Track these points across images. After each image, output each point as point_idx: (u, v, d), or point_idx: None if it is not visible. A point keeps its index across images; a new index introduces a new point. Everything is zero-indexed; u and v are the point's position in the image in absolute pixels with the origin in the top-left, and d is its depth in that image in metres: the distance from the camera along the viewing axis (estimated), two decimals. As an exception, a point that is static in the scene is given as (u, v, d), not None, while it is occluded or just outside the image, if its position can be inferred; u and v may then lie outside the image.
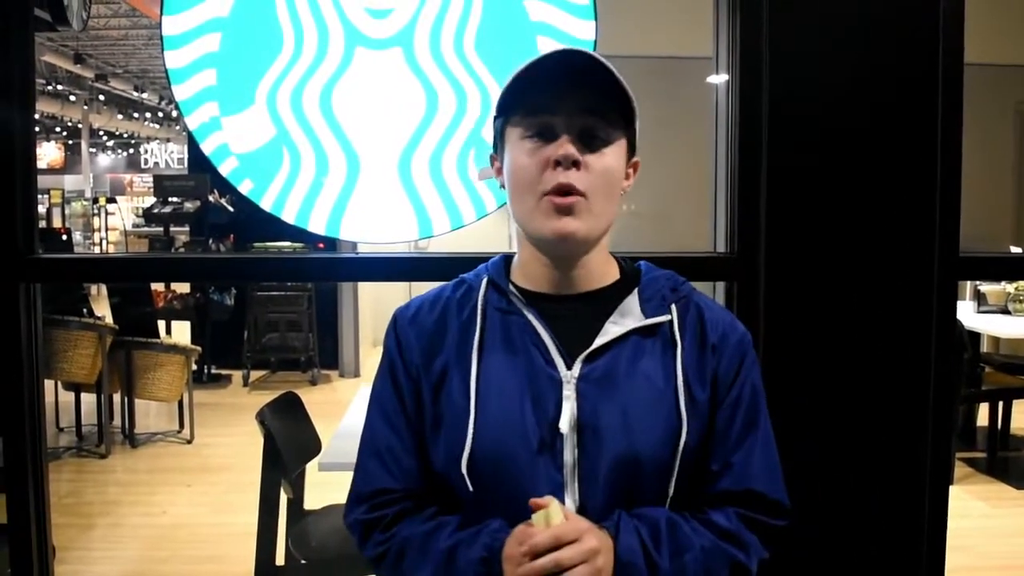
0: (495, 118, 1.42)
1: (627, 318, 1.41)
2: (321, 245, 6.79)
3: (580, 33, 2.02)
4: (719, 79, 2.04)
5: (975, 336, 6.06)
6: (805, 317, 1.95)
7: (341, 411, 3.79)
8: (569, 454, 1.34)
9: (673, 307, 1.43)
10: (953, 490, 5.07)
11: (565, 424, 1.34)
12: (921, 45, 1.93)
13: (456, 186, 2.05)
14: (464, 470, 1.35)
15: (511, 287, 1.43)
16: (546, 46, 2.00)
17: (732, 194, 1.98)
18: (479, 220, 2.07)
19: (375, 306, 10.16)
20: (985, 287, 6.15)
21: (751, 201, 1.95)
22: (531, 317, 1.40)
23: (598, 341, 1.38)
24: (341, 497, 3.55)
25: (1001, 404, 5.94)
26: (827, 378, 1.96)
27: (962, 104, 1.95)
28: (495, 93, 2.01)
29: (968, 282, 6.49)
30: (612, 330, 1.39)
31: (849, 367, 1.96)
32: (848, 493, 1.98)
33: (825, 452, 1.96)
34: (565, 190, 1.32)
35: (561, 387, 1.36)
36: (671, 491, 1.37)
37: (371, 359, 9.71)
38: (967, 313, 6.17)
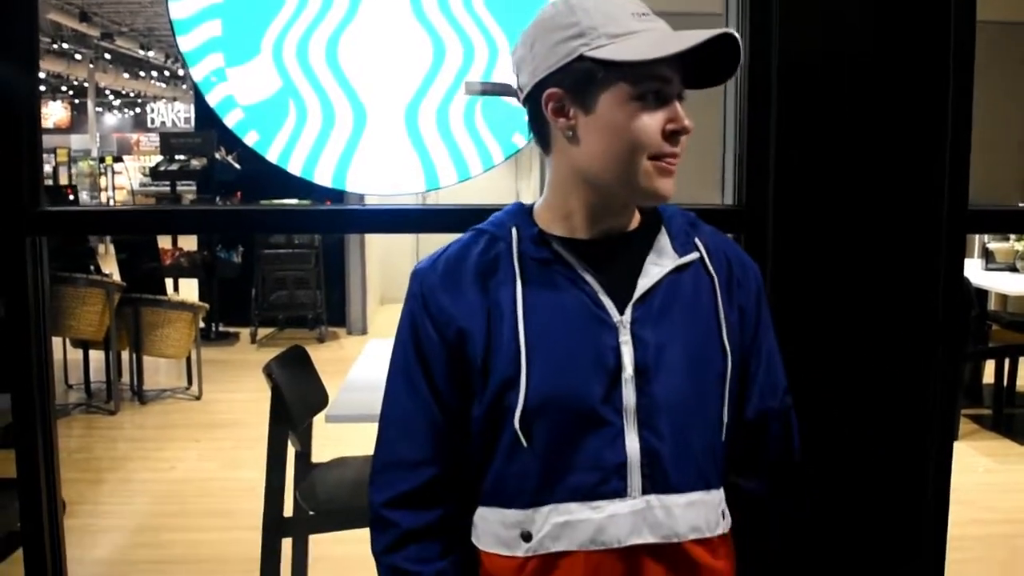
0: (576, 58, 1.31)
1: (664, 258, 1.41)
2: (329, 202, 6.77)
3: (588, -17, 2.00)
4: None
5: (982, 294, 6.05)
6: (812, 269, 1.95)
7: (348, 368, 3.80)
8: (630, 398, 1.35)
9: (698, 242, 1.45)
10: (958, 446, 5.11)
11: (629, 368, 1.35)
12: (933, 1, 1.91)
13: (463, 138, 2.04)
14: (517, 425, 1.34)
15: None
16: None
17: (740, 147, 1.96)
18: (486, 172, 2.06)
19: (383, 264, 10.19)
20: (993, 244, 6.13)
21: (759, 154, 1.93)
22: (576, 265, 1.39)
23: (644, 283, 1.39)
24: (348, 450, 3.60)
25: (1007, 361, 5.94)
26: (834, 331, 1.96)
27: (974, 58, 1.93)
28: (503, 45, 2.01)
29: (976, 239, 6.46)
30: (654, 271, 1.40)
31: (856, 320, 1.96)
32: (852, 448, 1.99)
33: (830, 406, 1.96)
34: (675, 156, 1.34)
35: (617, 332, 1.36)
36: (726, 419, 1.42)
37: (379, 316, 9.76)
38: (975, 271, 6.15)
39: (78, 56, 20.09)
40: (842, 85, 1.92)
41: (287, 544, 3.22)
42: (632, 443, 1.35)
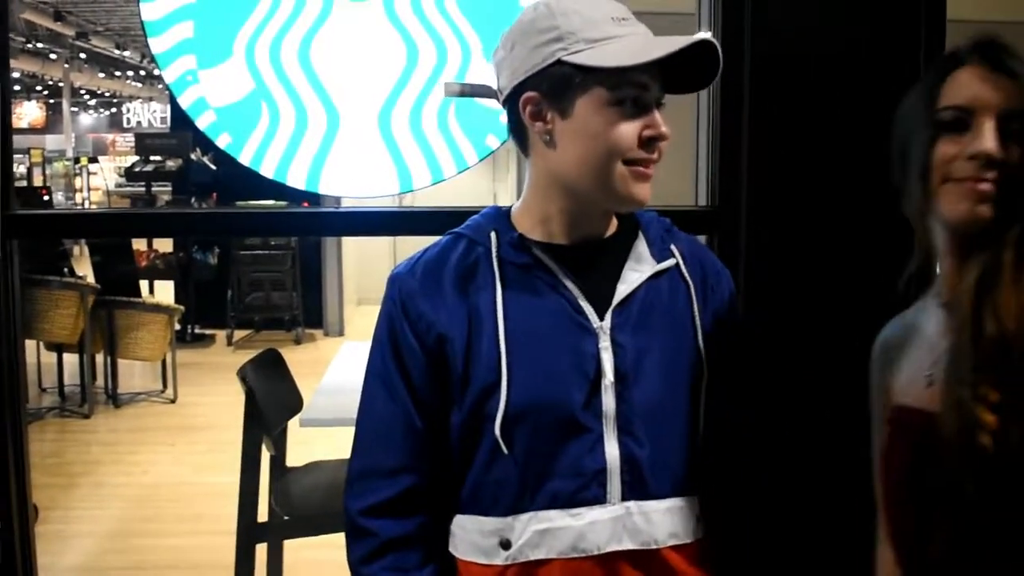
0: (554, 62, 1.31)
1: (642, 264, 1.42)
2: (306, 204, 6.74)
3: (562, -14, 2.00)
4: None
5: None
6: (785, 270, 1.95)
7: (325, 370, 3.79)
8: (610, 404, 1.35)
9: (674, 249, 1.46)
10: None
11: (609, 374, 1.35)
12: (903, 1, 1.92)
13: (436, 140, 2.03)
14: (498, 432, 1.33)
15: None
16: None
17: (713, 148, 1.97)
18: (460, 174, 2.05)
19: (359, 265, 10.16)
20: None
21: (732, 156, 1.94)
22: (556, 270, 1.38)
23: (623, 289, 1.39)
24: (323, 453, 3.58)
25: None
26: (806, 331, 1.96)
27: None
28: (476, 47, 2.00)
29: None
30: (632, 277, 1.40)
31: (828, 321, 1.96)
32: (822, 443, 1.99)
33: (802, 404, 1.96)
34: (652, 163, 1.34)
35: (597, 338, 1.36)
36: (702, 424, 1.41)
37: (355, 318, 9.73)
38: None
39: (53, 56, 19.93)
40: (814, 86, 1.92)
41: (262, 549, 3.20)
42: (612, 449, 1.35)
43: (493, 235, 1.41)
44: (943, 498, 1.24)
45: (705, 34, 1.33)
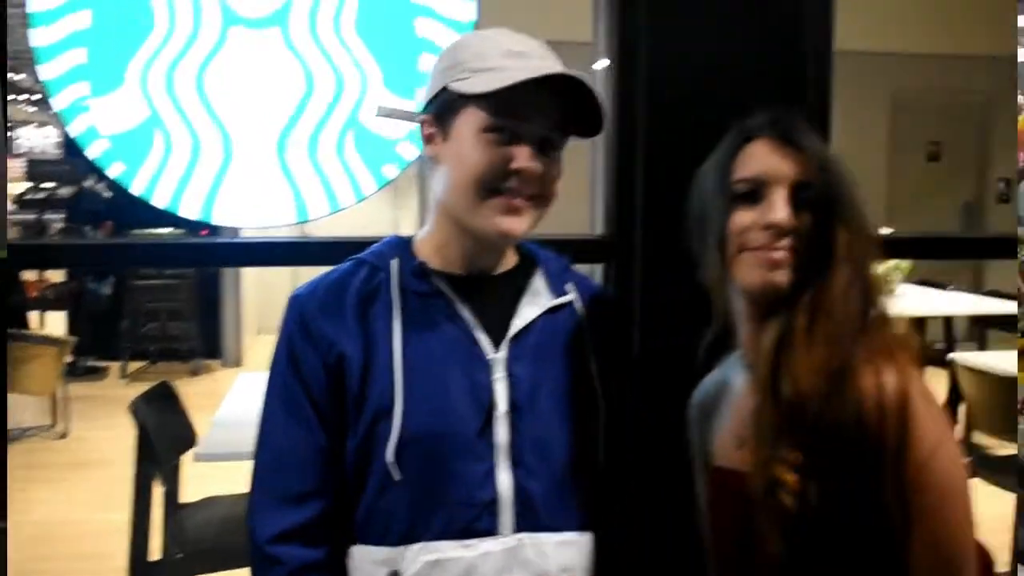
0: (441, 89, 1.38)
1: (539, 298, 1.44)
2: (205, 232, 6.64)
3: (461, 16, 2.01)
4: (601, 65, 2.05)
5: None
6: (680, 296, 1.97)
7: (221, 402, 3.71)
8: (503, 435, 1.35)
9: (571, 286, 1.49)
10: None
11: (502, 405, 1.36)
12: (791, 32, 1.97)
13: (334, 169, 2.02)
14: (391, 457, 1.32)
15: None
16: (425, 28, 1.98)
17: (609, 178, 1.99)
18: (358, 203, 2.05)
19: (258, 294, 10.01)
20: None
21: (627, 185, 1.96)
22: (454, 300, 1.40)
23: (519, 322, 1.41)
24: (218, 489, 3.49)
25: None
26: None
27: (830, 90, 2.00)
28: (373, 75, 2.00)
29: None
30: (528, 311, 1.42)
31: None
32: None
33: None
34: (520, 196, 1.35)
35: (490, 368, 1.37)
36: (601, 460, 1.43)
37: (254, 348, 9.57)
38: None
39: (-62, 80, 19.31)
40: (707, 117, 1.95)
41: (156, 587, 3.12)
42: (504, 480, 1.35)
43: (394, 262, 1.42)
44: (762, 555, 1.28)
45: (575, 72, 1.35)
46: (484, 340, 1.39)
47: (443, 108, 1.38)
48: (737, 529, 1.33)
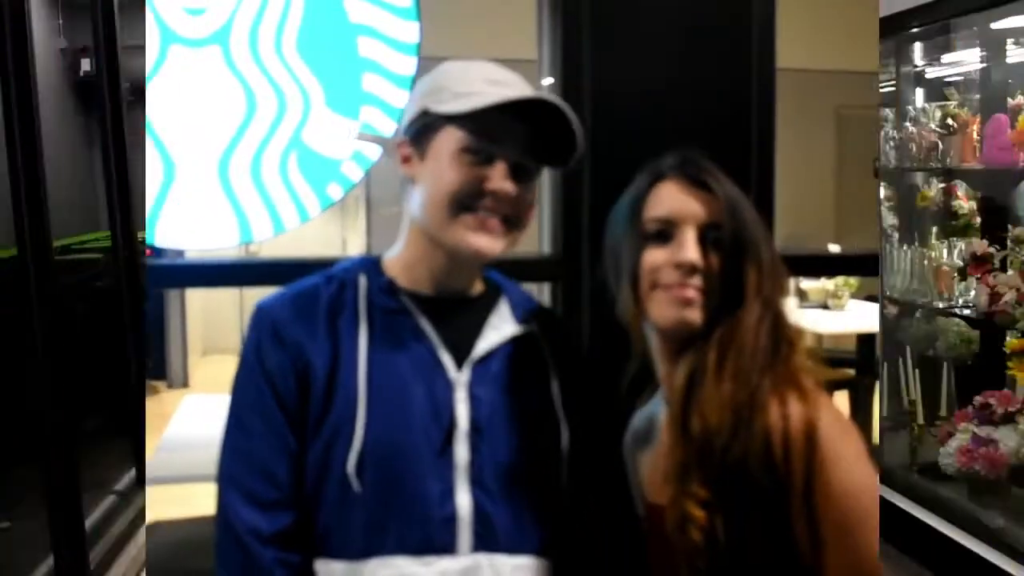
0: (422, 113, 1.41)
1: (504, 324, 1.47)
2: (148, 252, 6.54)
3: (403, 35, 2.00)
4: (546, 83, 2.05)
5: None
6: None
7: (166, 424, 3.65)
8: (463, 454, 1.36)
9: (533, 314, 1.52)
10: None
11: (463, 425, 1.37)
12: (734, 51, 1.99)
13: (277, 190, 1.99)
14: (351, 469, 1.32)
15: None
16: (367, 48, 1.97)
17: (556, 198, 1.99)
18: (303, 224, 2.02)
19: (204, 314, 9.87)
20: (805, 284, 6.39)
21: (574, 204, 1.96)
22: (419, 318, 1.41)
23: (484, 345, 1.43)
24: (166, 513, 3.41)
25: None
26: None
27: (774, 108, 2.01)
28: (315, 95, 1.98)
29: (791, 280, 6.70)
30: (493, 336, 1.45)
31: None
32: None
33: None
34: (494, 216, 1.37)
35: (452, 389, 1.38)
36: (564, 486, 1.44)
37: (201, 368, 9.43)
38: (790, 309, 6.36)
39: None
40: (653, 135, 1.96)
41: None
42: (463, 499, 1.35)
43: (363, 279, 1.43)
44: None
45: (551, 97, 1.39)
46: (447, 359, 1.40)
47: (422, 130, 1.41)
48: (667, 564, 1.34)
